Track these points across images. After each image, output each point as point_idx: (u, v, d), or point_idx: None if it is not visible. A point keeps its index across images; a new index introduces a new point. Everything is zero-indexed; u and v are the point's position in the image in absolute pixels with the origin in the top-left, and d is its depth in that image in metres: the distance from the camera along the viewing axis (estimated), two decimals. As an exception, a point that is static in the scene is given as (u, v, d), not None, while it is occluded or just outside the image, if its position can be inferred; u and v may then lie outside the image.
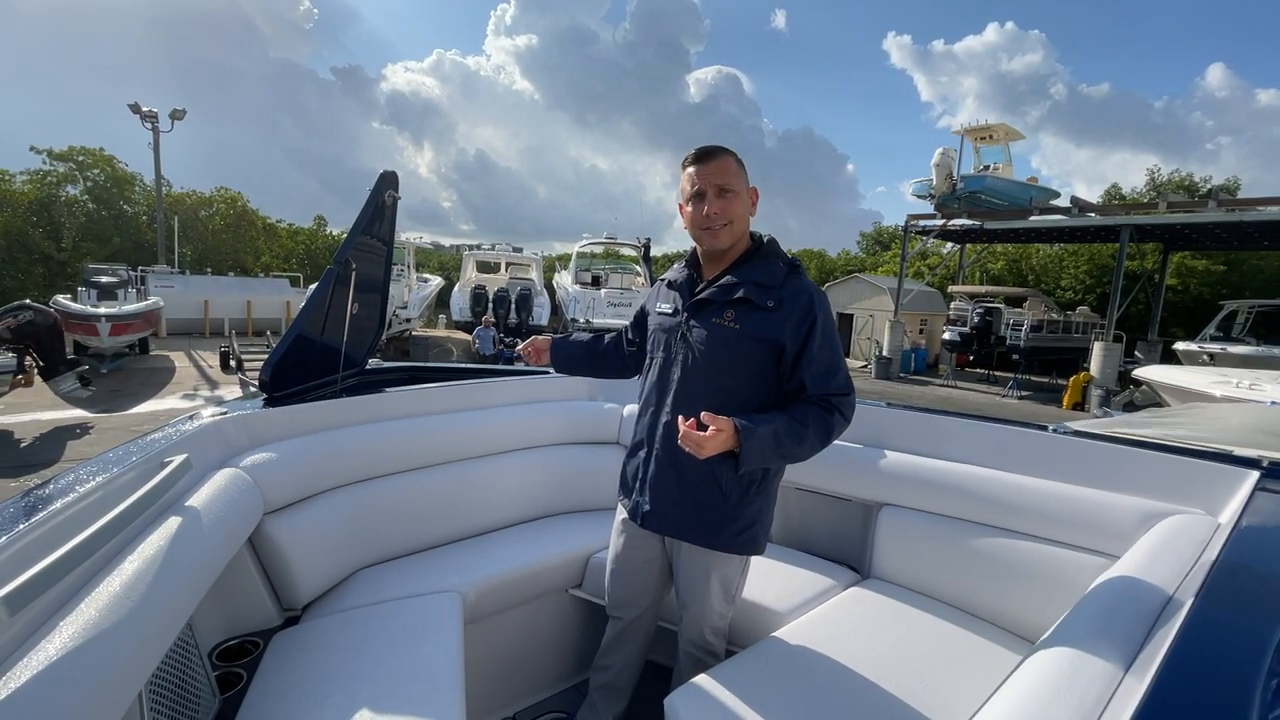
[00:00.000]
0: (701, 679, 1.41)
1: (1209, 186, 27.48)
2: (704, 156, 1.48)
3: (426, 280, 22.95)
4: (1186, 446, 1.92)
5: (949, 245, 24.90)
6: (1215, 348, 14.30)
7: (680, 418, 1.38)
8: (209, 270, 22.66)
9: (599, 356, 1.91)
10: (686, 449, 1.35)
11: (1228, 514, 1.52)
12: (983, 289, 22.65)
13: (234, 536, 1.40)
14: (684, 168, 1.52)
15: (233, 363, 11.83)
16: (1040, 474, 1.87)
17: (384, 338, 15.83)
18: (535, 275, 20.47)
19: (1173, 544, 1.35)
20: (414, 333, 19.40)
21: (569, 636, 2.14)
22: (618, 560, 1.72)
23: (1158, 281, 20.42)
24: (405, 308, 17.73)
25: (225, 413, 1.79)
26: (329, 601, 1.74)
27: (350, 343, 2.29)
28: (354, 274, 2.16)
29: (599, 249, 23.07)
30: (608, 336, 1.93)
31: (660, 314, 1.62)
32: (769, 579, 1.92)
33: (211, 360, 13.29)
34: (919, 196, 20.37)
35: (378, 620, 1.59)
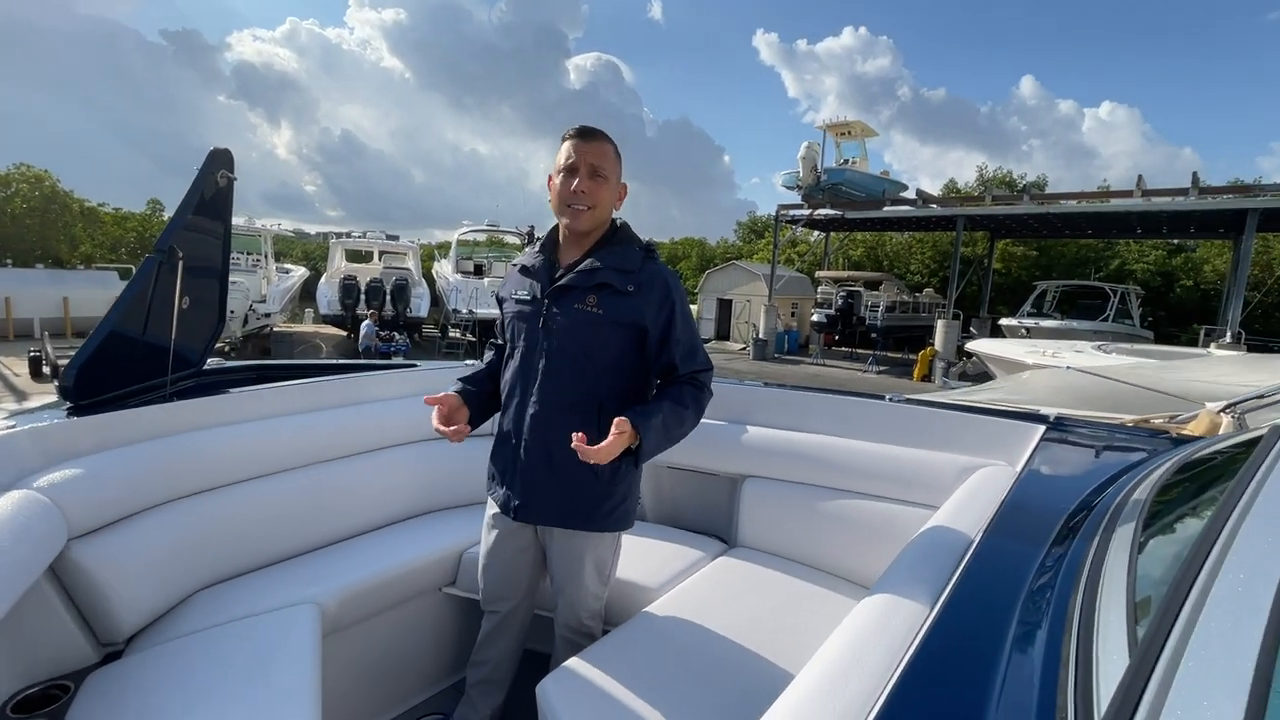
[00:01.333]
0: (573, 661, 1.43)
1: (1024, 183, 31.62)
2: (587, 134, 1.49)
3: (289, 271, 21.10)
4: (997, 408, 2.22)
5: (816, 233, 26.74)
6: (1030, 322, 16.68)
7: (576, 436, 1.30)
8: (9, 261, 19.19)
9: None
10: (591, 462, 1.31)
11: (1022, 463, 1.77)
12: (845, 274, 24.64)
13: (25, 569, 1.21)
14: (564, 140, 1.51)
15: (46, 368, 10.16)
16: (879, 439, 2.08)
17: (239, 335, 14.52)
18: (413, 264, 19.41)
19: (979, 492, 1.55)
20: (275, 328, 17.76)
21: (444, 636, 2.09)
22: (490, 555, 1.68)
23: (987, 265, 23.30)
24: (264, 301, 16.24)
25: (14, 425, 1.54)
26: (159, 630, 1.56)
27: (182, 340, 2.05)
28: (181, 262, 1.94)
29: (481, 237, 22.31)
30: (489, 357, 1.75)
31: (519, 301, 1.58)
32: (641, 556, 1.98)
33: (19, 367, 11.34)
34: (788, 187, 21.67)
35: (218, 644, 1.45)
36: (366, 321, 14.93)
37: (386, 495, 2.24)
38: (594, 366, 1.49)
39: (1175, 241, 27.50)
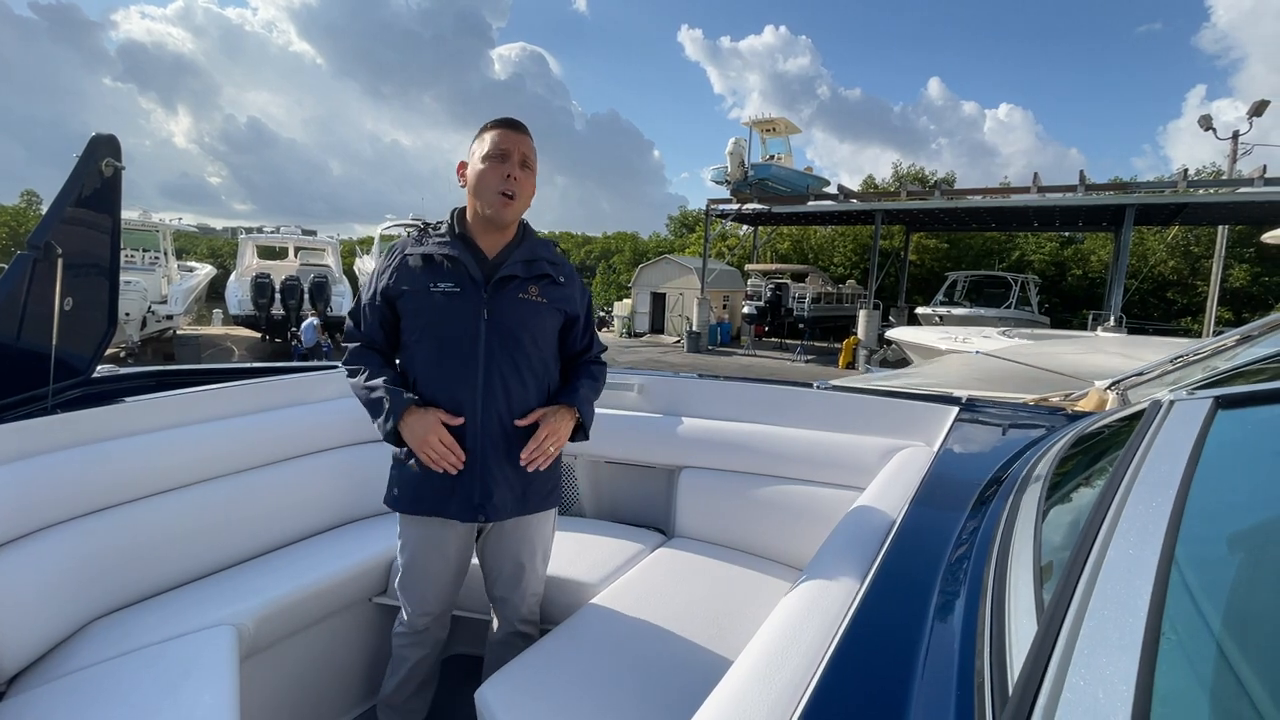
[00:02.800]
0: (512, 664, 1.40)
1: (935, 179, 33.57)
2: (517, 125, 1.49)
3: (193, 269, 19.65)
4: (915, 392, 2.34)
5: (745, 228, 27.37)
6: (943, 310, 17.81)
7: (526, 451, 1.47)
8: None
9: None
10: (542, 457, 1.48)
11: (939, 442, 1.88)
12: (773, 267, 25.41)
13: None
14: (487, 129, 1.48)
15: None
16: (808, 425, 2.15)
17: (136, 339, 13.40)
18: (332, 261, 18.44)
19: (902, 472, 1.63)
20: (179, 331, 16.49)
21: (376, 648, 2.00)
22: (437, 570, 1.57)
23: (903, 258, 24.60)
24: (165, 302, 15.09)
25: None
26: (50, 665, 1.42)
27: (65, 346, 1.86)
28: (61, 260, 1.76)
29: (406, 231, 21.48)
30: (376, 362, 1.56)
31: (445, 293, 1.46)
32: (581, 552, 1.97)
33: None
34: (717, 182, 22.02)
35: (121, 676, 1.33)
36: (310, 319, 13.80)
37: (308, 505, 2.13)
38: (540, 353, 1.53)
39: (1066, 234, 29.98)
